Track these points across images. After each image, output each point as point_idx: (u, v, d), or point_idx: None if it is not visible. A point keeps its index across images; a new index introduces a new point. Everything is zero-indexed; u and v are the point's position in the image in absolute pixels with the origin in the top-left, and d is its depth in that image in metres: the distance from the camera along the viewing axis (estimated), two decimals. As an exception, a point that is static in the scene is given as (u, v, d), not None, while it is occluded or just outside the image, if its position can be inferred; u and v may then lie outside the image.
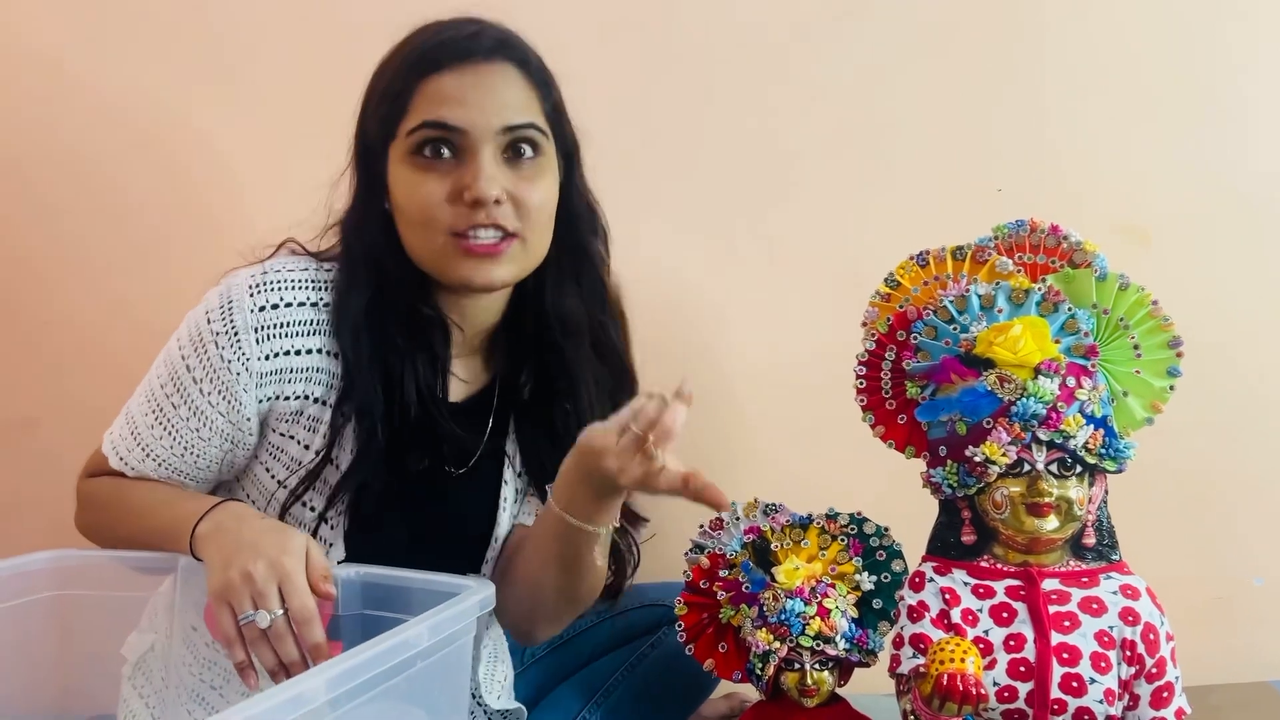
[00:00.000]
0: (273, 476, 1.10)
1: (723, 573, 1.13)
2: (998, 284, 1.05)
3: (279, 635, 0.89)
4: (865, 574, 1.09)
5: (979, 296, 1.04)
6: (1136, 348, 1.05)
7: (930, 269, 1.10)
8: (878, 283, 1.12)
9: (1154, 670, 0.94)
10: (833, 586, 1.07)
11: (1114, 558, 1.00)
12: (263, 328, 1.05)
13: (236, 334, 1.04)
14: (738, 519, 1.17)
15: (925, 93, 1.62)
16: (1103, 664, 0.93)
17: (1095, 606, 0.96)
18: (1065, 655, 0.94)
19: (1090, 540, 0.99)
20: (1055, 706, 0.93)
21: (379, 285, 1.09)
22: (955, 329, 1.04)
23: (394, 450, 1.08)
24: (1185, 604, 1.13)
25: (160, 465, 1.08)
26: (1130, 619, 0.95)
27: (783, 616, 1.04)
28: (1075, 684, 0.93)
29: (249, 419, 1.07)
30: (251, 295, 1.06)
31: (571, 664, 1.28)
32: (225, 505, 1.02)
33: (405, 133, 1.05)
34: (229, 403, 1.05)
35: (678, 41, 1.64)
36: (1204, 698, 1.09)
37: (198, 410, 1.06)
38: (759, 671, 1.06)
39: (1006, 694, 0.94)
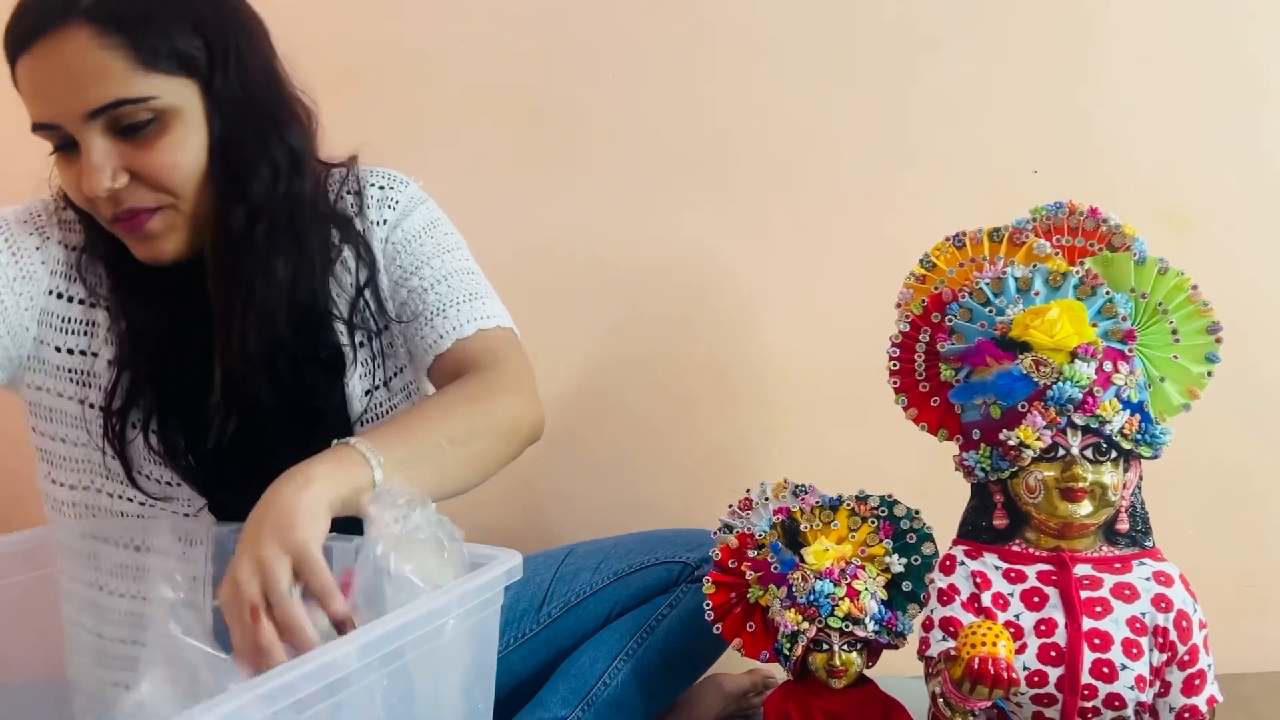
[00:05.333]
0: (71, 399, 1.07)
1: (751, 553, 1.13)
2: (1035, 266, 1.04)
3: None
4: (895, 556, 1.09)
5: (1015, 279, 1.03)
6: (1175, 333, 1.04)
7: (966, 250, 1.09)
8: (913, 264, 1.11)
9: (1186, 657, 0.93)
10: (862, 568, 1.07)
11: (1147, 544, 0.99)
12: (57, 221, 1.06)
13: (35, 215, 1.05)
14: (767, 499, 1.17)
15: (962, 73, 1.61)
16: (1134, 650, 0.93)
17: (1128, 592, 0.95)
18: (1096, 641, 0.93)
19: (1124, 526, 0.98)
20: (1086, 692, 0.92)
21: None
22: (991, 311, 1.03)
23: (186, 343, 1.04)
24: (1217, 593, 1.12)
25: None
26: (1163, 605, 0.94)
27: (812, 597, 1.04)
28: (1106, 670, 0.92)
29: (32, 304, 1.04)
30: (29, 203, 1.07)
31: (590, 624, 1.28)
32: None
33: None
34: (18, 265, 1.03)
35: (712, 24, 1.63)
36: (1235, 686, 1.09)
37: None
38: (787, 652, 1.06)
39: (1037, 679, 0.93)
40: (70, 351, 1.06)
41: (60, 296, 1.06)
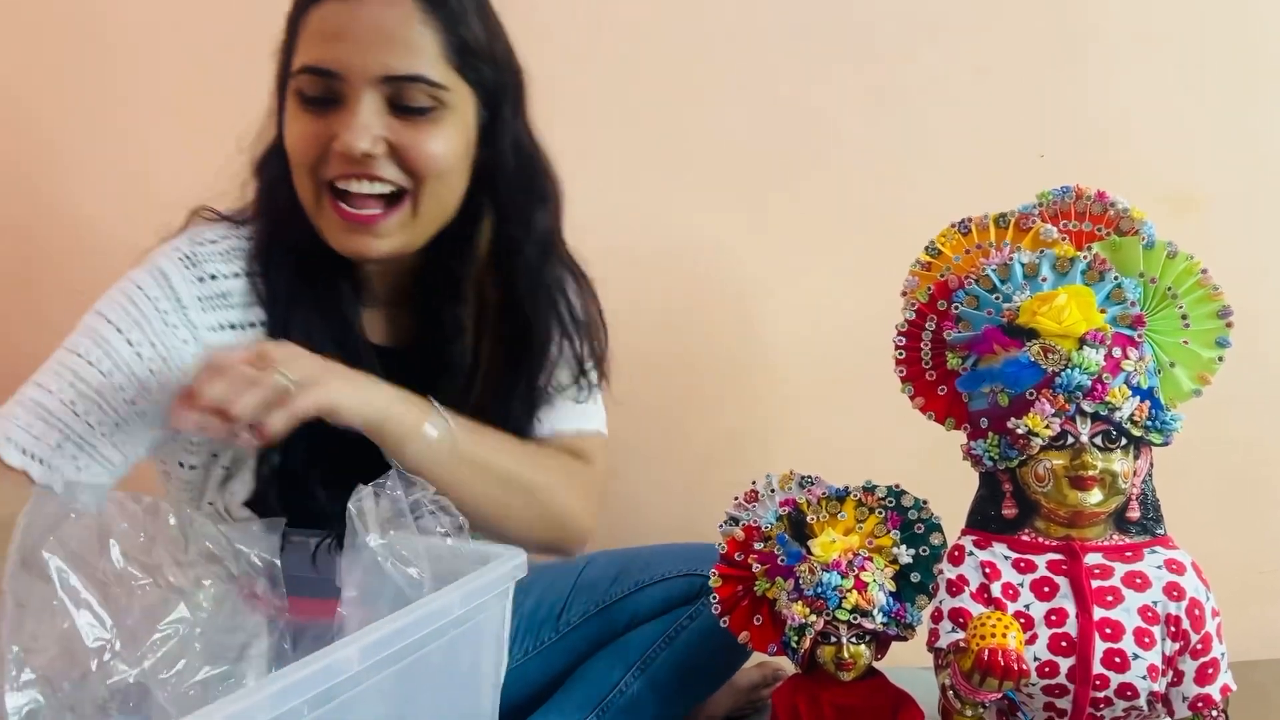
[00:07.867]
0: (191, 467, 1.02)
1: (758, 545, 1.12)
2: (1042, 252, 1.02)
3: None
4: (903, 547, 1.08)
5: (1022, 265, 1.02)
6: (1184, 317, 1.03)
7: (972, 237, 1.08)
8: (918, 251, 1.10)
9: (1199, 646, 0.92)
10: (870, 560, 1.06)
11: (1158, 532, 0.98)
12: (206, 298, 0.98)
13: (181, 303, 0.96)
14: (773, 491, 1.16)
15: (967, 56, 1.59)
16: (1146, 639, 0.92)
17: (1139, 581, 0.94)
18: (1108, 630, 0.92)
19: (1134, 514, 0.97)
20: (1097, 682, 0.91)
21: (278, 228, 1.02)
22: (998, 298, 1.02)
23: None
24: (1230, 580, 1.10)
25: (81, 446, 0.92)
26: (1175, 594, 0.93)
27: (819, 590, 1.03)
28: (1118, 659, 0.91)
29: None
30: (186, 267, 0.98)
31: (608, 632, 1.27)
32: None
33: (292, 72, 0.98)
34: (173, 372, 0.95)
35: (709, 8, 1.61)
36: (1248, 674, 1.07)
37: (136, 379, 0.94)
38: (795, 644, 1.05)
39: (1048, 669, 0.92)
40: None
41: (226, 328, 1.00)
